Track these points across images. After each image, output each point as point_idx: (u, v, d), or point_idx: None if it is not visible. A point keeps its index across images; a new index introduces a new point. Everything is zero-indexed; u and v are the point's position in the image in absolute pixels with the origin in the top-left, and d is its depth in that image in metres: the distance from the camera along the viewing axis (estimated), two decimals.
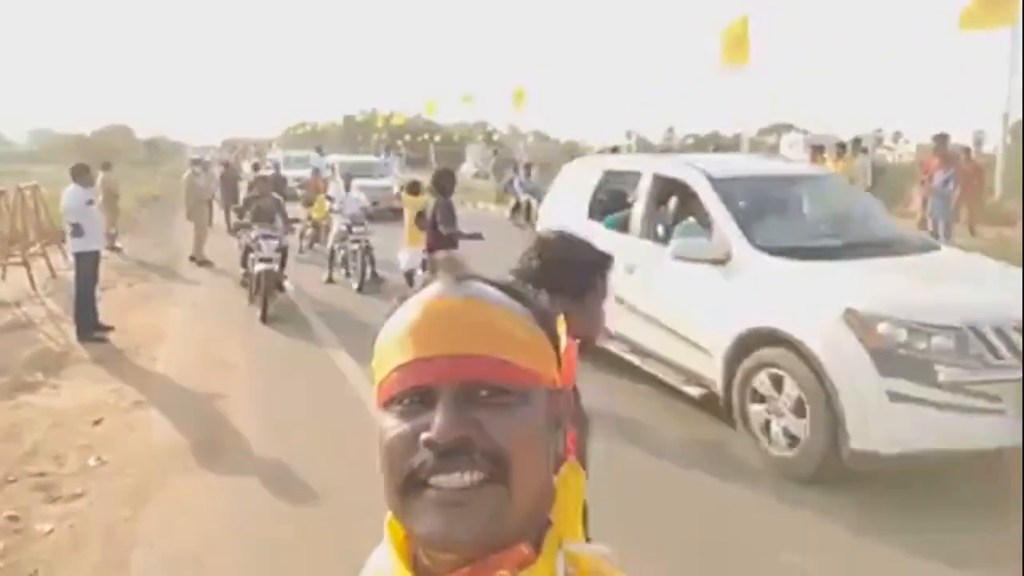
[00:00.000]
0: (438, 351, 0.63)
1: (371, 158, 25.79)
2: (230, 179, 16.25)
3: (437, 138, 44.00)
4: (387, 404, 0.65)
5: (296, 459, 4.56)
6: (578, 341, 0.75)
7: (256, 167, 17.42)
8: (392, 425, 0.64)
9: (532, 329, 0.67)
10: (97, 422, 5.31)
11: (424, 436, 0.61)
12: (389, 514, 0.67)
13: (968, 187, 11.59)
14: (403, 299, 0.69)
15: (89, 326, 7.54)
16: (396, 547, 0.67)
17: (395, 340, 0.65)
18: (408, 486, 0.62)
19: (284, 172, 19.75)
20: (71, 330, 7.61)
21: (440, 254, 0.72)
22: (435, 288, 0.67)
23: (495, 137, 47.87)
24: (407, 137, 41.62)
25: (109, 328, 7.71)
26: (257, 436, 4.99)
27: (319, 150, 23.01)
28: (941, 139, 11.42)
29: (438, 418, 0.61)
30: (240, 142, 66.32)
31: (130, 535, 3.75)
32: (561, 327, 0.72)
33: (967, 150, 13.22)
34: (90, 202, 7.76)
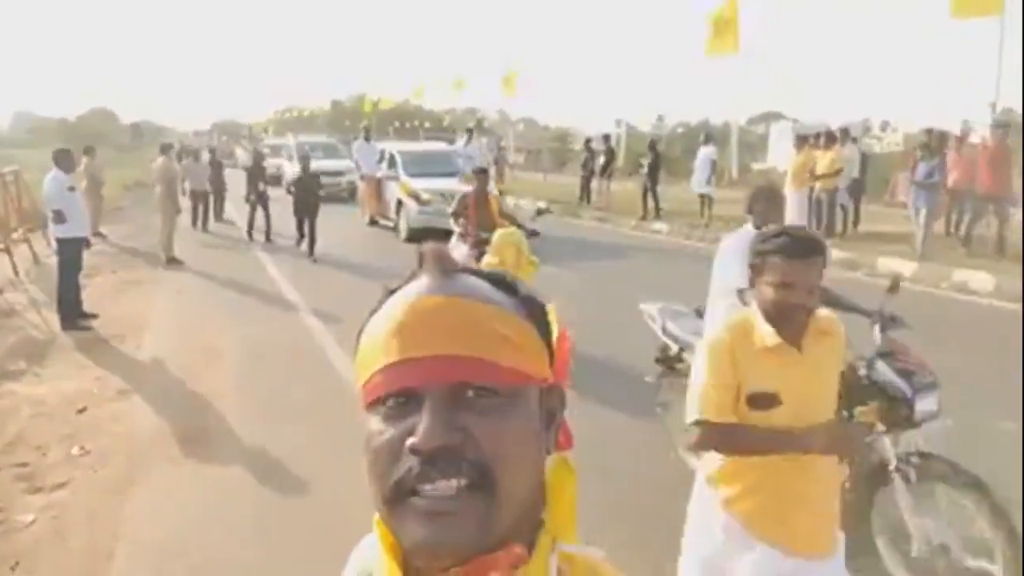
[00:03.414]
0: (423, 352, 0.61)
1: (442, 145, 19.01)
2: (216, 167, 16.04)
3: (427, 124, 43.80)
4: (372, 406, 0.63)
5: (282, 447, 4.53)
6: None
7: (261, 156, 14.55)
8: (377, 429, 0.62)
9: (522, 325, 0.65)
10: (81, 411, 5.25)
11: (409, 442, 0.59)
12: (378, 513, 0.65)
13: (964, 180, 11.25)
14: (390, 292, 0.67)
15: (73, 314, 7.45)
16: (386, 546, 0.65)
17: (379, 340, 0.63)
18: (395, 495, 0.60)
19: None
20: (54, 318, 7.52)
21: (426, 245, 0.69)
22: (420, 284, 0.65)
23: (485, 124, 47.67)
24: (396, 123, 41.36)
25: (93, 316, 7.63)
26: (242, 424, 4.95)
27: (366, 133, 16.03)
28: (929, 133, 11.44)
29: (423, 424, 0.59)
30: (232, 126, 65.53)
31: (114, 525, 3.71)
32: (553, 316, 0.70)
33: (960, 137, 13.09)
34: (71, 188, 7.65)
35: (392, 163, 14.17)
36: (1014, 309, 7.58)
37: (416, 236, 12.09)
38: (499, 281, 0.67)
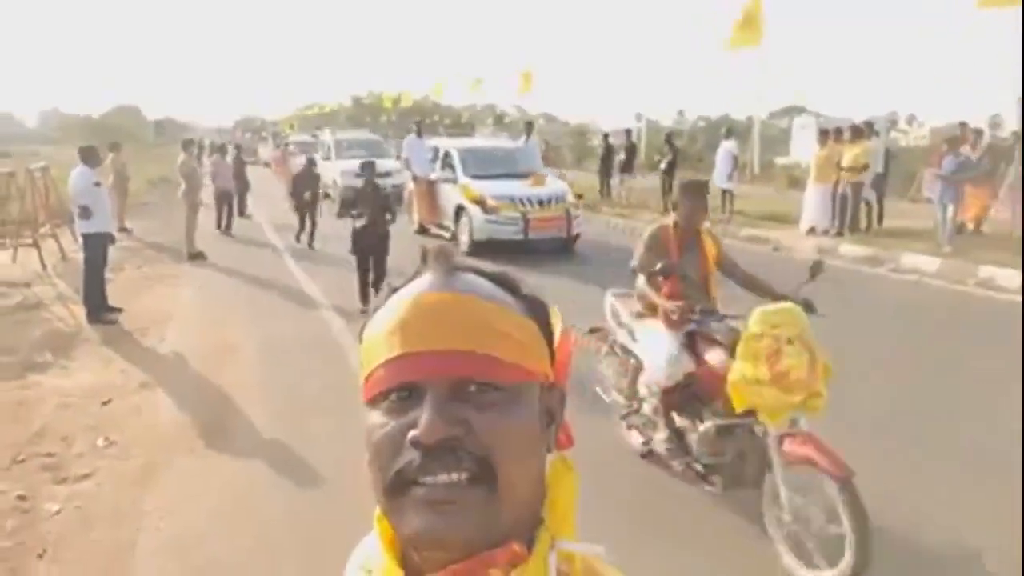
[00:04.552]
0: (425, 347, 0.62)
1: (504, 142, 16.61)
2: (239, 164, 16.14)
3: (447, 120, 43.91)
4: (374, 400, 0.64)
5: (301, 441, 4.58)
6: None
7: (312, 160, 12.95)
8: (379, 423, 0.63)
9: (524, 323, 0.66)
10: (105, 403, 5.34)
11: (411, 435, 0.60)
12: (378, 509, 0.66)
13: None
14: (394, 290, 0.68)
15: (98, 308, 7.58)
16: (386, 542, 0.66)
17: (382, 335, 0.64)
18: (395, 486, 0.61)
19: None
20: (80, 311, 7.65)
21: (436, 246, 0.69)
22: (424, 282, 0.66)
23: (505, 120, 47.60)
24: (416, 119, 41.51)
25: (118, 310, 7.75)
26: (263, 418, 5.01)
27: (418, 128, 13.61)
28: (963, 127, 11.33)
29: (424, 417, 0.59)
30: (255, 122, 66.12)
31: (137, 516, 3.78)
32: (555, 318, 0.70)
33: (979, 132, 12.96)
34: (98, 184, 7.77)
35: (447, 162, 12.16)
36: None
37: (480, 249, 10.19)
38: (502, 279, 0.69)
